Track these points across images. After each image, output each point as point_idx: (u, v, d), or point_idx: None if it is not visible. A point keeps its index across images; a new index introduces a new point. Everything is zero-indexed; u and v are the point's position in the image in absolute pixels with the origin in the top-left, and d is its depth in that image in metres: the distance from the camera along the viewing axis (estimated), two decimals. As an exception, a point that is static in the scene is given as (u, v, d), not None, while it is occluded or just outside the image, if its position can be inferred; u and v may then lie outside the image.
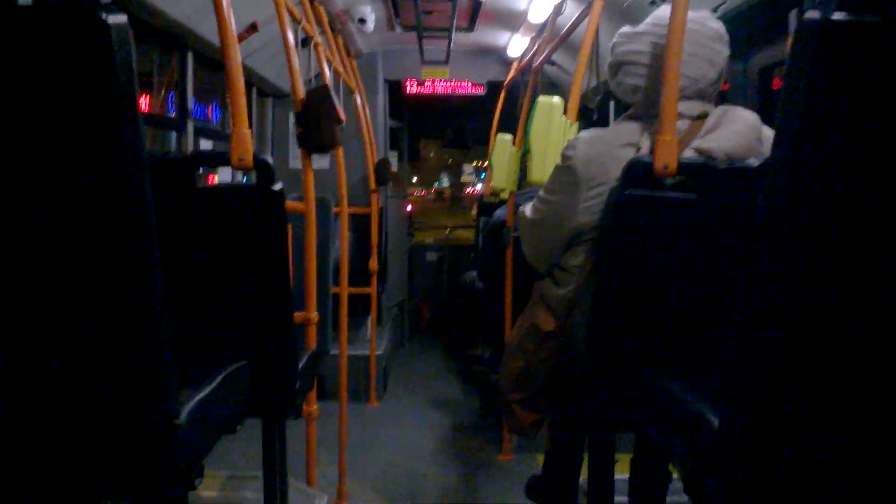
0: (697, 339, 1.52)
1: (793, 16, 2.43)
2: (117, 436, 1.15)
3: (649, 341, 1.53)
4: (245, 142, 1.69)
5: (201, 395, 1.27)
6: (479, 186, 9.82)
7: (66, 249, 1.06)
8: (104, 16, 0.97)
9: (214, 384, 1.34)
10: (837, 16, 0.91)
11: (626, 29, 1.78)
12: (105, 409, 1.13)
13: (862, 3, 0.90)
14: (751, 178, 1.44)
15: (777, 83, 2.80)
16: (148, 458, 1.17)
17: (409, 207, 8.77)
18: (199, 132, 3.72)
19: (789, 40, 1.18)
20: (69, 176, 1.04)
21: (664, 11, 1.67)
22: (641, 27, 1.74)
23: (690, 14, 1.66)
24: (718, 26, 1.70)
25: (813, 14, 0.91)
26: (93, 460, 1.16)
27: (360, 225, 4.69)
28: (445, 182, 10.69)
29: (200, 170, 3.63)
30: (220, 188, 1.73)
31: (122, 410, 1.13)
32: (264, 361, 1.62)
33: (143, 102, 3.20)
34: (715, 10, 2.59)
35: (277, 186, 1.60)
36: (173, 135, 3.48)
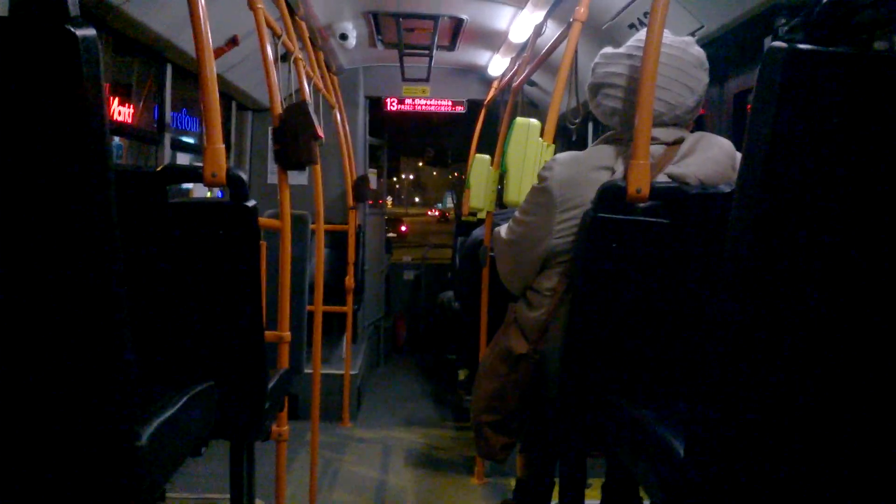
0: (668, 364, 1.52)
1: (767, 42, 2.47)
2: (75, 457, 1.11)
3: (621, 366, 1.53)
4: (218, 157, 1.66)
5: (164, 416, 1.24)
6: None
7: (27, 262, 1.04)
8: (73, 29, 0.96)
9: (178, 405, 1.31)
10: (804, 45, 0.91)
11: (607, 50, 1.76)
12: (62, 429, 1.10)
13: (829, 35, 0.91)
14: (722, 204, 1.45)
15: (752, 109, 2.84)
16: (107, 481, 1.13)
17: (404, 228, 8.60)
18: (179, 146, 3.68)
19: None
20: (33, 188, 1.01)
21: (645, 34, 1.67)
22: (623, 49, 1.73)
23: (672, 39, 1.66)
24: (699, 52, 1.70)
25: (780, 43, 0.92)
26: (50, 482, 1.13)
27: (337, 242, 4.66)
28: (450, 202, 10.45)
29: (191, 186, 3.62)
30: (192, 203, 1.71)
31: (81, 431, 1.10)
32: (232, 382, 1.59)
33: (127, 114, 3.17)
34: (692, 34, 2.62)
35: (250, 203, 1.58)
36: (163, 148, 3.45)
